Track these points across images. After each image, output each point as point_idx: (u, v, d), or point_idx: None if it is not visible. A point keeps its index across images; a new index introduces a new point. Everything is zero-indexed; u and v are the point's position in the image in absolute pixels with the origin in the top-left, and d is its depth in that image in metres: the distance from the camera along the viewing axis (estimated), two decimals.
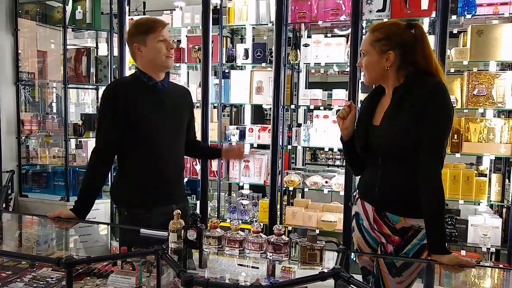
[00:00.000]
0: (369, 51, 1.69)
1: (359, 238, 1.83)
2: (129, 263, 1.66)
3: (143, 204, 1.98)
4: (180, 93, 2.17)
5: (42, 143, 4.18)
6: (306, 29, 3.75)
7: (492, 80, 2.94)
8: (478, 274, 1.77)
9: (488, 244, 2.93)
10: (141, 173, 1.99)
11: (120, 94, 1.96)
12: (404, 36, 1.64)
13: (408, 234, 1.65)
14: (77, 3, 4.04)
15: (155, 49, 1.95)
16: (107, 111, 1.96)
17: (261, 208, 3.48)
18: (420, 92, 1.58)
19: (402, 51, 1.63)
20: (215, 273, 1.68)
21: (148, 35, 1.94)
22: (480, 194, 2.99)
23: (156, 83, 2.02)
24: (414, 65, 1.64)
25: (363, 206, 1.79)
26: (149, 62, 1.98)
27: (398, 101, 1.64)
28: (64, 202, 3.90)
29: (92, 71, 4.15)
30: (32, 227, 2.33)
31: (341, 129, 1.84)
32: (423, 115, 1.56)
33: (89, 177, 1.99)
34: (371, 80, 1.75)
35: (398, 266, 1.66)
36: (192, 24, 3.62)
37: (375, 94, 1.81)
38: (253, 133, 3.54)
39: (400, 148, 1.63)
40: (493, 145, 2.96)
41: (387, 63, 1.65)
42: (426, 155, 1.57)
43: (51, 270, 1.79)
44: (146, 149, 1.97)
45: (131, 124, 1.94)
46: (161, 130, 1.99)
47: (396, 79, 1.67)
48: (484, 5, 2.94)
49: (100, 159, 1.98)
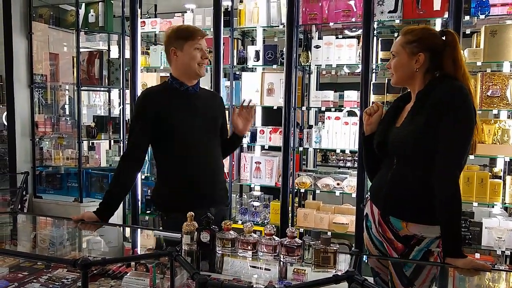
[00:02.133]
0: (400, 52, 1.70)
1: (367, 239, 1.85)
2: (143, 265, 1.68)
3: (179, 208, 1.97)
4: (211, 97, 2.21)
5: (56, 145, 4.25)
6: (317, 30, 3.74)
7: (506, 81, 2.90)
8: (493, 278, 1.75)
9: (503, 247, 2.89)
10: (177, 177, 2.04)
11: (152, 101, 2.02)
12: (435, 40, 1.66)
13: (411, 242, 1.65)
14: (90, 7, 4.10)
15: (190, 55, 1.99)
16: (138, 118, 2.02)
17: (272, 210, 3.48)
18: (440, 94, 1.58)
19: (432, 54, 1.66)
20: (228, 275, 1.68)
21: (186, 41, 1.99)
22: (494, 196, 2.95)
23: (187, 88, 2.06)
24: (442, 70, 1.66)
25: (371, 208, 1.80)
26: (182, 68, 2.03)
27: (419, 103, 1.65)
28: (78, 203, 3.95)
29: (105, 73, 4.20)
30: (47, 228, 2.36)
31: (365, 124, 1.87)
32: (441, 117, 1.55)
33: (114, 182, 2.04)
34: (398, 80, 1.76)
35: (408, 276, 1.64)
36: (203, 26, 3.64)
37: (401, 100, 1.83)
38: (264, 134, 3.54)
39: (414, 148, 1.63)
40: (508, 146, 2.92)
41: (417, 65, 1.67)
42: (442, 159, 1.57)
43: (66, 271, 1.81)
44: (182, 154, 2.01)
45: (165, 130, 1.99)
46: (195, 133, 2.02)
47: (422, 83, 1.69)
48: (498, 5, 2.91)
49: (127, 166, 2.03)
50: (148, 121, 1.99)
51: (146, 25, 3.80)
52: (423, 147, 1.60)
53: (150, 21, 3.83)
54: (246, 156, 3.65)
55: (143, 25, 3.79)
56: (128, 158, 2.05)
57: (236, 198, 3.71)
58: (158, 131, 1.99)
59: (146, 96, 2.09)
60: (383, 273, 1.79)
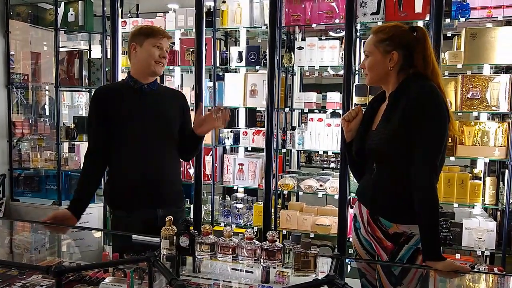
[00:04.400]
0: (373, 51, 1.69)
1: (355, 240, 1.84)
2: (120, 270, 1.64)
3: (124, 206, 2.02)
4: (170, 96, 2.17)
5: (34, 147, 4.14)
6: (300, 31, 3.74)
7: (486, 83, 2.95)
8: (473, 279, 1.76)
9: (483, 247, 2.93)
10: (121, 175, 2.04)
11: (103, 99, 2.03)
12: (407, 37, 1.65)
13: (401, 240, 1.65)
14: (69, 6, 4.02)
15: (149, 52, 2.00)
16: (92, 116, 2.06)
17: (255, 211, 3.46)
18: (412, 95, 1.58)
19: (405, 52, 1.65)
20: (208, 279, 1.65)
21: (147, 38, 2.00)
22: (474, 197, 2.98)
23: (142, 86, 2.04)
24: (415, 68, 1.65)
25: (360, 208, 1.80)
26: (139, 64, 2.03)
27: (392, 106, 1.64)
28: (57, 207, 3.86)
29: (85, 73, 4.12)
30: (23, 233, 2.29)
31: (345, 131, 1.86)
32: (413, 119, 1.55)
33: (81, 179, 2.08)
34: (372, 80, 1.75)
35: (397, 275, 1.65)
36: (186, 26, 3.60)
37: (375, 101, 1.82)
38: (247, 136, 3.52)
39: (390, 152, 1.63)
40: (488, 148, 2.96)
41: (391, 63, 1.66)
42: (418, 161, 1.56)
43: (41, 277, 1.76)
44: (127, 152, 2.01)
45: (112, 126, 2.00)
46: (143, 132, 2.00)
47: (396, 82, 1.68)
48: (478, 9, 2.95)
49: (89, 162, 2.07)
50: (99, 117, 2.01)
51: (127, 25, 3.75)
52: (399, 150, 1.60)
53: (131, 21, 3.78)
54: (229, 157, 3.62)
55: (124, 25, 3.74)
56: (89, 152, 2.07)
57: (219, 200, 3.68)
58: (108, 127, 2.00)
59: (98, 92, 2.10)
60: (369, 274, 1.80)
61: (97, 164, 2.07)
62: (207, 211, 3.64)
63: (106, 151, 2.04)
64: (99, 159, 2.06)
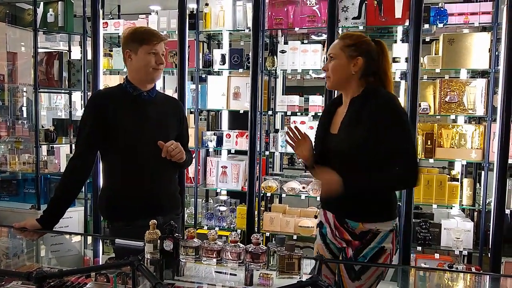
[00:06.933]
0: (339, 55, 1.76)
1: (320, 245, 1.89)
2: (103, 275, 1.62)
3: (123, 217, 1.95)
4: (168, 104, 2.12)
5: (12, 149, 4.04)
6: (283, 35, 3.77)
7: (463, 87, 3.03)
8: (452, 278, 1.81)
9: (461, 247, 3.01)
10: (119, 185, 1.97)
11: (102, 105, 1.94)
12: (371, 47, 1.76)
13: (367, 237, 1.71)
14: (49, 6, 3.94)
15: (144, 60, 1.93)
16: (87, 121, 1.95)
17: (239, 214, 3.46)
18: (379, 101, 1.67)
19: (369, 59, 1.74)
20: (193, 282, 1.65)
21: (141, 45, 1.93)
22: (452, 198, 3.06)
23: (141, 93, 1.99)
24: (374, 76, 1.76)
25: (325, 215, 1.85)
26: (136, 71, 1.97)
27: (356, 112, 1.72)
28: (35, 211, 3.77)
29: (65, 75, 4.05)
30: (1, 238, 2.24)
31: (304, 161, 1.88)
32: (383, 123, 1.64)
33: (60, 187, 1.97)
34: (334, 84, 1.81)
35: (357, 270, 1.71)
36: (168, 28, 3.58)
37: (332, 105, 1.90)
38: (230, 138, 3.53)
39: (358, 156, 1.70)
40: (465, 150, 3.04)
41: (354, 68, 1.74)
42: (404, 160, 1.66)
43: (21, 283, 1.72)
44: (127, 161, 1.94)
45: (110, 135, 1.92)
46: (141, 141, 1.95)
47: (356, 87, 1.76)
48: (455, 15, 3.03)
49: (75, 168, 1.96)
50: (95, 123, 1.92)
51: (108, 26, 3.70)
52: (368, 154, 1.68)
53: (113, 22, 3.73)
54: (212, 160, 3.62)
55: (105, 26, 3.69)
56: (75, 160, 1.96)
57: (202, 203, 3.66)
58: (104, 135, 1.92)
59: (95, 97, 2.04)
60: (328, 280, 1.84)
61: (81, 170, 1.97)
62: (190, 214, 3.62)
63: (93, 157, 1.98)
64: (85, 164, 1.97)
